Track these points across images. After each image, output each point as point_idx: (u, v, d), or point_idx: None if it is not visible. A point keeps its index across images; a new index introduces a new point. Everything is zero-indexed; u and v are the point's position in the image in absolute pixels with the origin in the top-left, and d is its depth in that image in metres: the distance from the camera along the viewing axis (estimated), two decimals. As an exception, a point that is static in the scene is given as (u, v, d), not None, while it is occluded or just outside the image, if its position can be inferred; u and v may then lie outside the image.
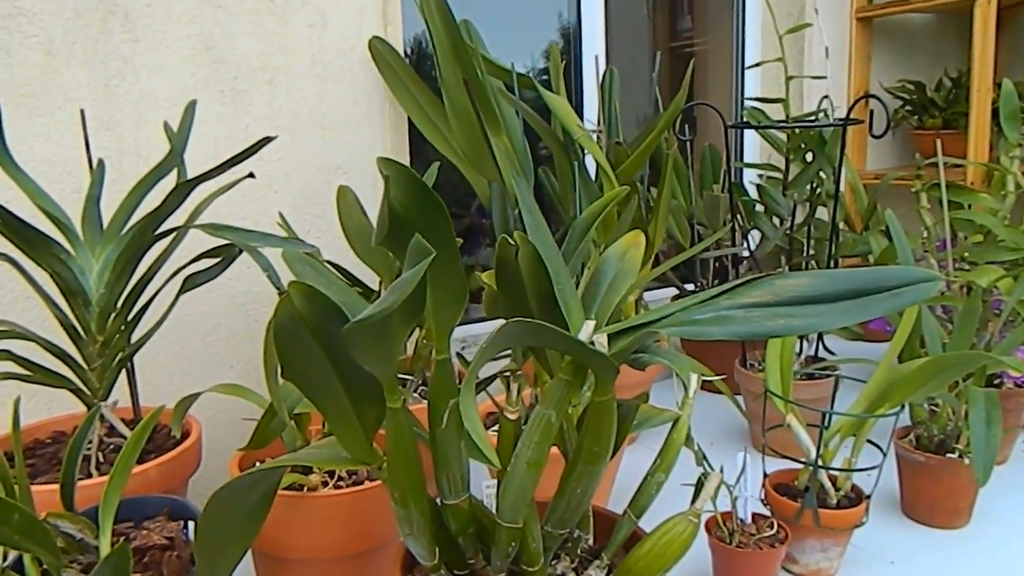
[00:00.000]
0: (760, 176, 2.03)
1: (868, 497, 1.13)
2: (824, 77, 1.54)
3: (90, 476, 1.10)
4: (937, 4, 2.17)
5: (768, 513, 1.14)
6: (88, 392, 1.13)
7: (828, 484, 1.13)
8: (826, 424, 1.12)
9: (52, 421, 1.25)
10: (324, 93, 1.52)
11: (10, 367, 1.05)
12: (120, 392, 1.19)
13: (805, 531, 1.12)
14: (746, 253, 1.62)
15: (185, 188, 1.05)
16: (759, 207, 1.80)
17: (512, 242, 0.63)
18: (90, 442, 1.15)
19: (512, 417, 0.73)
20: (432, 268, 0.61)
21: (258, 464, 1.11)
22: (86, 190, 1.25)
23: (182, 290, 1.14)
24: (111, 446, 1.16)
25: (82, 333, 1.10)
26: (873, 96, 1.22)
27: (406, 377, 1.35)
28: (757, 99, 1.66)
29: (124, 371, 1.18)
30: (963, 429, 1.24)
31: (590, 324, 0.73)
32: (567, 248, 0.93)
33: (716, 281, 1.83)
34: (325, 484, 1.01)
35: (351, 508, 0.97)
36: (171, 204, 1.06)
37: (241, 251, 1.13)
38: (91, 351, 1.11)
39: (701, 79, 2.56)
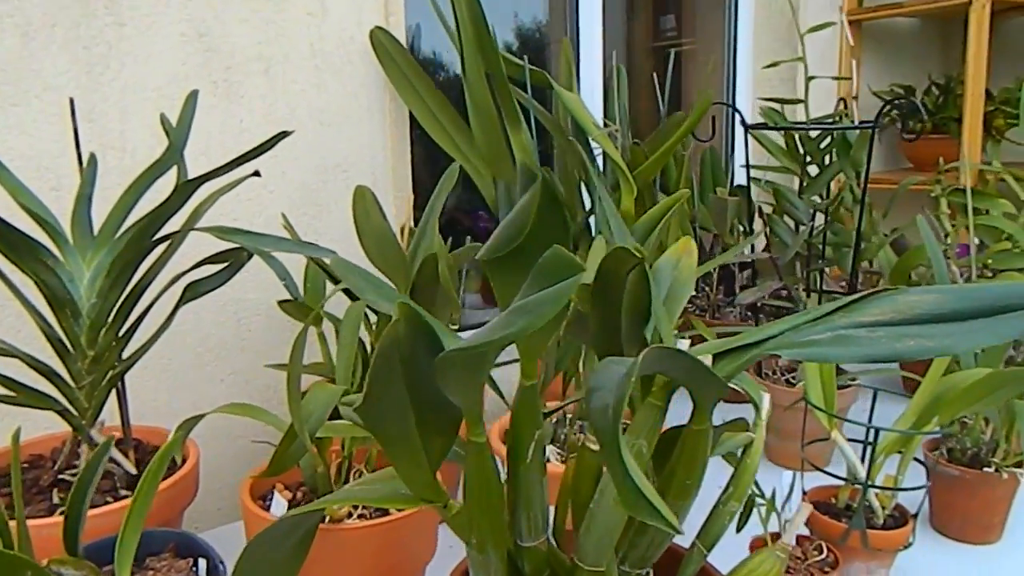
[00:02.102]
0: (757, 180, 1.99)
1: (915, 516, 1.08)
2: (849, 78, 1.50)
3: (79, 507, 0.99)
4: (930, 8, 2.16)
5: (808, 534, 1.08)
6: (76, 412, 1.01)
7: (876, 503, 1.08)
8: (870, 440, 1.07)
9: (27, 444, 1.13)
10: (323, 86, 1.42)
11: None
12: (106, 410, 1.07)
13: (851, 553, 1.06)
14: (764, 258, 1.57)
15: (189, 188, 0.95)
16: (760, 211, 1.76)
17: (633, 252, 0.55)
18: (76, 468, 1.04)
19: (595, 448, 0.66)
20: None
21: (276, 490, 1.02)
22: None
23: (183, 300, 1.03)
24: (105, 473, 1.05)
25: (70, 347, 0.99)
26: (909, 99, 1.18)
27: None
28: (773, 100, 1.61)
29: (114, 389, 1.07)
30: (1000, 442, 1.21)
31: (684, 343, 0.66)
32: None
33: (721, 288, 1.78)
34: (349, 515, 0.92)
35: (382, 540, 0.89)
36: (173, 205, 0.95)
37: (251, 256, 1.03)
38: (79, 367, 1.00)
39: (688, 79, 2.51)
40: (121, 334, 1.01)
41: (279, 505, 0.91)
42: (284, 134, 0.97)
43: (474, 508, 0.60)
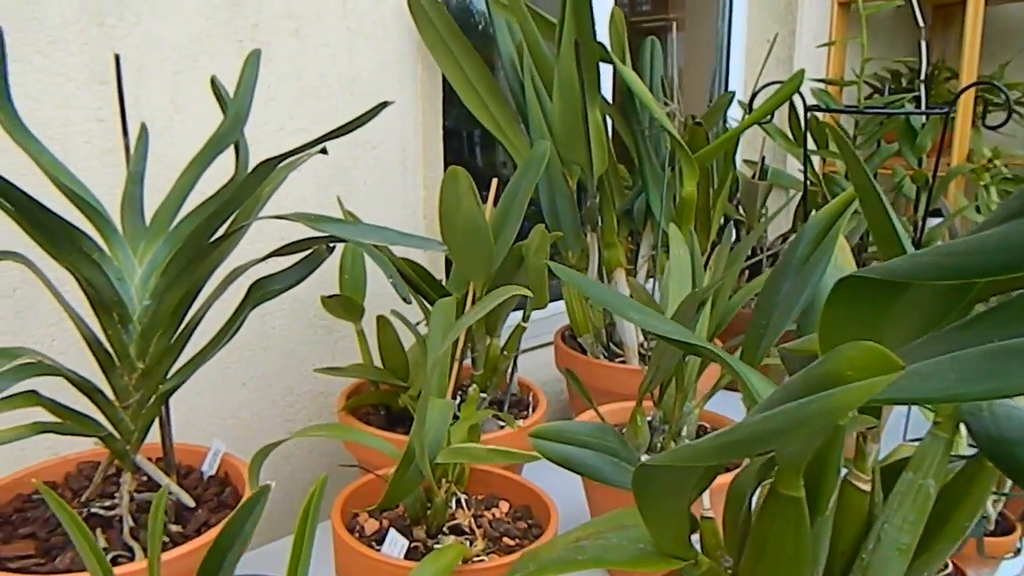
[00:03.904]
0: (750, 164, 1.94)
1: (1021, 520, 1.05)
2: (913, 61, 1.45)
3: (129, 551, 0.82)
4: (925, -8, 2.15)
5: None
6: (119, 436, 0.84)
7: (991, 509, 1.04)
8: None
9: (35, 470, 0.95)
10: (354, 51, 1.25)
11: (38, 414, 0.75)
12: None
13: (964, 561, 1.02)
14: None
15: (267, 168, 0.79)
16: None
17: None
18: (118, 499, 0.87)
19: (865, 488, 0.56)
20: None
21: (361, 515, 0.88)
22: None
23: (248, 299, 0.87)
24: (146, 504, 0.88)
25: (116, 359, 0.82)
26: (993, 84, 1.13)
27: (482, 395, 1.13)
28: (823, 80, 1.55)
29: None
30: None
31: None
32: (799, 255, 0.76)
33: (746, 276, 1.72)
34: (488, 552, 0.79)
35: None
36: (248, 188, 0.79)
37: (332, 250, 0.88)
38: (126, 383, 0.83)
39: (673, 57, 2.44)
40: (173, 342, 0.85)
41: (395, 545, 0.78)
42: (384, 104, 0.82)
43: (767, 571, 0.50)
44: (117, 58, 0.82)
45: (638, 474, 0.48)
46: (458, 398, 1.12)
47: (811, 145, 1.62)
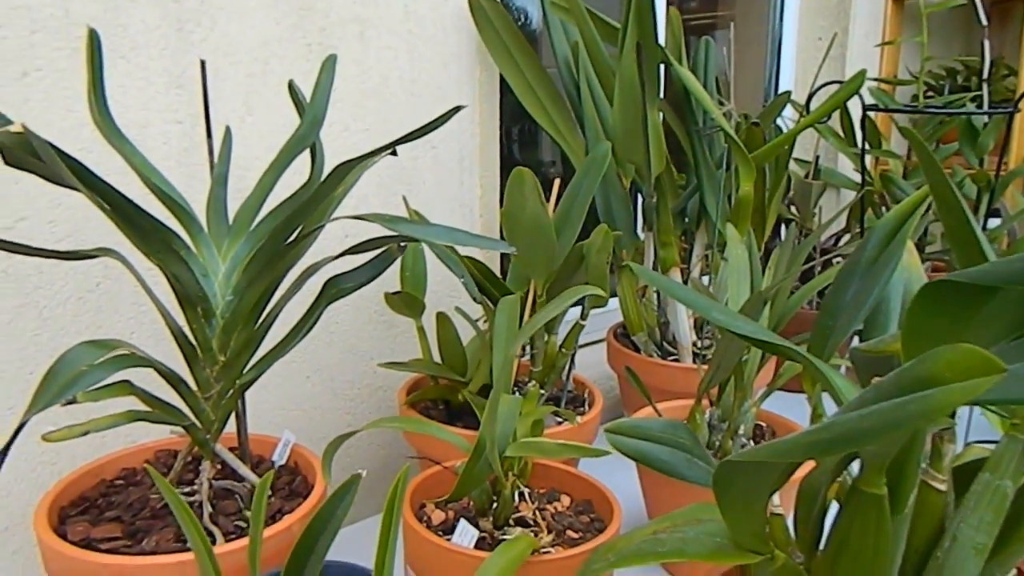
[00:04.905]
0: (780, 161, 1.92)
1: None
2: (971, 60, 1.43)
3: (210, 536, 0.86)
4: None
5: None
6: (200, 425, 0.88)
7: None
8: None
9: (116, 457, 0.99)
10: (415, 53, 1.28)
11: (131, 403, 0.79)
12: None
13: (1026, 564, 1.01)
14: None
15: (346, 169, 0.82)
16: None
17: None
18: (197, 486, 0.91)
19: (942, 487, 0.57)
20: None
21: (428, 506, 0.90)
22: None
23: (322, 296, 0.91)
24: (223, 491, 0.92)
25: (199, 352, 0.85)
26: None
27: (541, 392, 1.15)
28: (880, 80, 1.54)
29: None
30: None
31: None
32: (867, 257, 0.77)
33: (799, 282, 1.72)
34: (554, 544, 0.82)
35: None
36: (327, 190, 0.82)
37: (403, 248, 0.91)
38: (207, 375, 0.86)
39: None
40: (252, 336, 0.88)
41: (466, 535, 0.81)
42: (457, 109, 0.84)
43: (846, 568, 0.51)
44: (203, 63, 0.85)
45: (721, 470, 0.50)
46: (516, 394, 1.14)
47: (866, 144, 1.61)
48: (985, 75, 1.29)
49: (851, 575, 0.51)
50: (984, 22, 1.29)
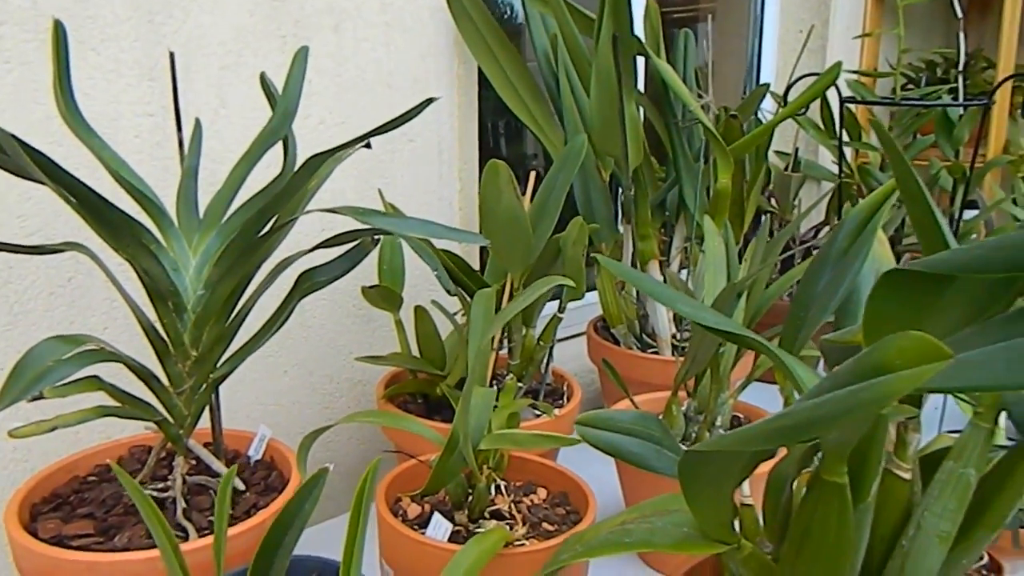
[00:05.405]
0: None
1: (1057, 511, 1.05)
2: (949, 52, 1.43)
3: (183, 531, 0.85)
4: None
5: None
6: (173, 420, 0.87)
7: (1026, 500, 1.04)
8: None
9: (91, 453, 0.98)
10: (392, 45, 1.27)
11: (102, 398, 0.78)
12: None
13: (1000, 552, 1.02)
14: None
15: (317, 162, 0.81)
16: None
17: None
18: (171, 482, 0.90)
19: (906, 476, 0.58)
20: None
21: (404, 500, 0.90)
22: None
23: (296, 290, 0.90)
24: (197, 487, 0.91)
25: (170, 347, 0.85)
26: (1032, 75, 1.12)
27: (518, 384, 1.15)
28: (857, 72, 1.55)
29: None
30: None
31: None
32: (838, 248, 0.77)
33: (778, 267, 1.72)
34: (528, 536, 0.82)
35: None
36: (298, 183, 0.82)
37: (377, 242, 0.91)
38: (180, 370, 0.86)
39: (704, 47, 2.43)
40: (224, 330, 0.88)
41: (439, 528, 0.80)
42: (430, 100, 0.84)
43: (809, 557, 0.51)
44: (172, 56, 0.85)
45: (685, 460, 0.50)
46: (494, 387, 1.14)
47: (844, 137, 1.62)
48: (961, 67, 1.30)
49: (814, 563, 0.51)
50: (959, 15, 1.30)
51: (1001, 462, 0.57)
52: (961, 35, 1.29)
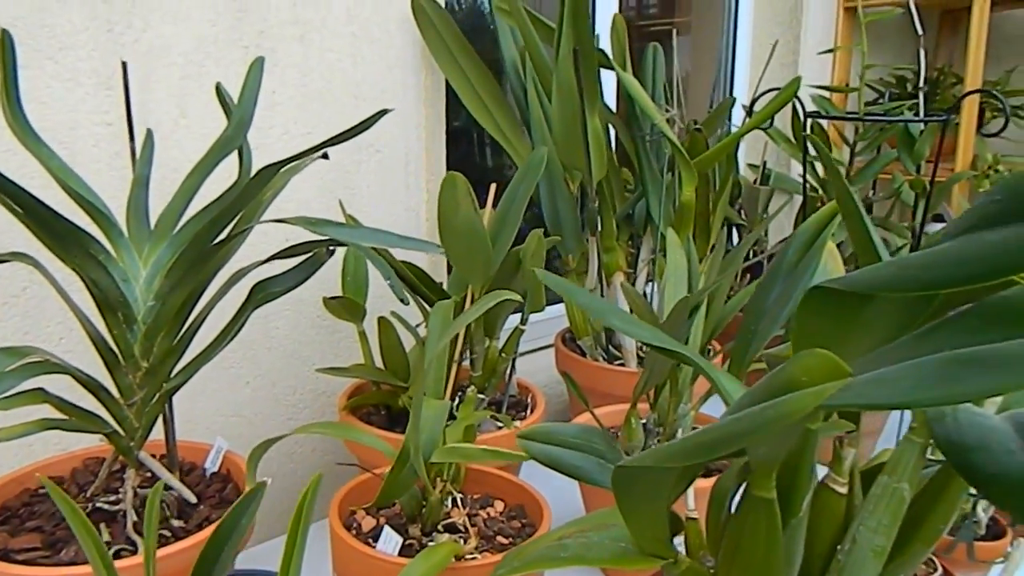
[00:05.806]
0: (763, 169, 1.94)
1: (1012, 526, 1.06)
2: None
3: (132, 545, 0.84)
4: (931, -1, 2.15)
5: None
6: (123, 433, 0.86)
7: (981, 513, 1.05)
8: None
9: (43, 465, 0.97)
10: (359, 56, 1.27)
11: (45, 411, 0.77)
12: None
13: (954, 566, 1.03)
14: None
15: (270, 172, 0.81)
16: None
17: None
18: (122, 495, 0.89)
19: (842, 491, 0.58)
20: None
21: (358, 513, 0.90)
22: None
23: (249, 301, 0.90)
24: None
25: (121, 358, 0.84)
26: (989, 92, 1.14)
27: (480, 396, 1.15)
28: (823, 87, 1.56)
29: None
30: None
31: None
32: (788, 261, 0.78)
33: (748, 279, 1.73)
34: (478, 549, 0.81)
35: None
36: (251, 193, 0.82)
37: (332, 253, 0.90)
38: (130, 381, 0.85)
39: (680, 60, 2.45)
40: (176, 342, 0.87)
41: (389, 541, 0.80)
42: (383, 112, 0.84)
43: (740, 572, 0.51)
44: (124, 65, 0.84)
45: (617, 475, 0.50)
46: (456, 399, 1.14)
47: (812, 151, 1.63)
48: (922, 83, 1.32)
49: (744, 579, 0.52)
50: (920, 31, 1.31)
51: (935, 477, 0.58)
52: (922, 51, 1.30)
